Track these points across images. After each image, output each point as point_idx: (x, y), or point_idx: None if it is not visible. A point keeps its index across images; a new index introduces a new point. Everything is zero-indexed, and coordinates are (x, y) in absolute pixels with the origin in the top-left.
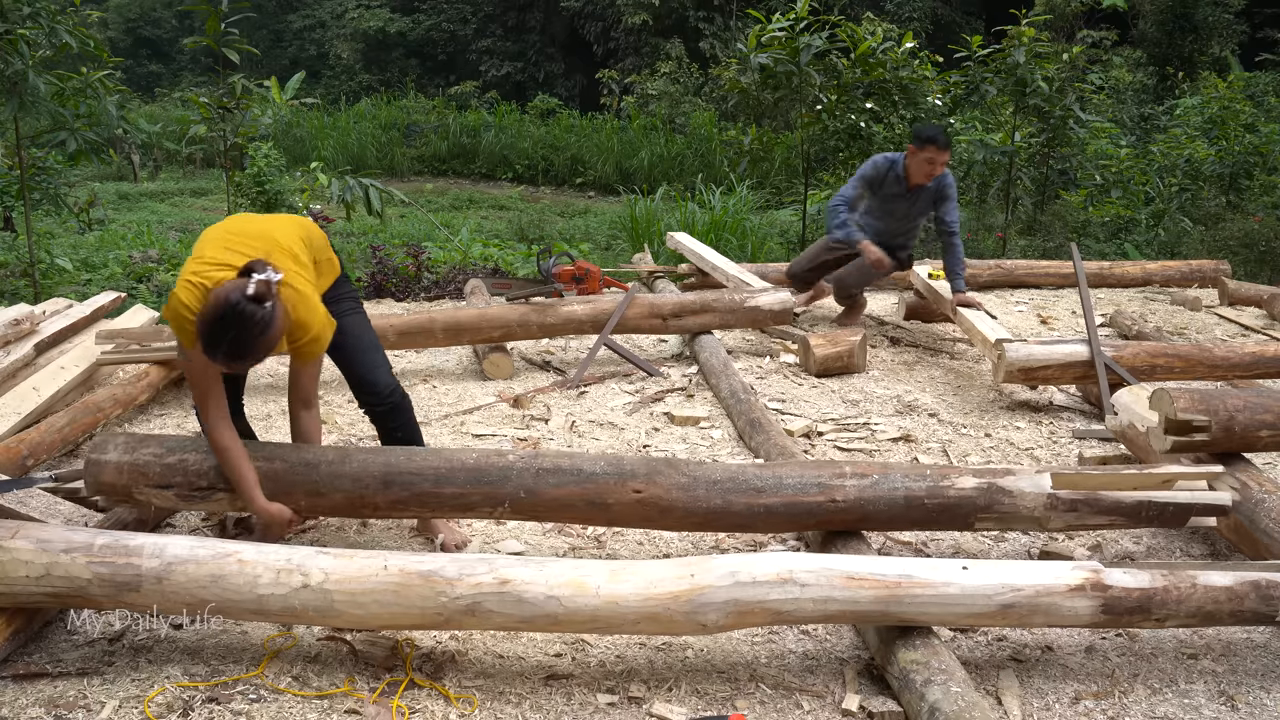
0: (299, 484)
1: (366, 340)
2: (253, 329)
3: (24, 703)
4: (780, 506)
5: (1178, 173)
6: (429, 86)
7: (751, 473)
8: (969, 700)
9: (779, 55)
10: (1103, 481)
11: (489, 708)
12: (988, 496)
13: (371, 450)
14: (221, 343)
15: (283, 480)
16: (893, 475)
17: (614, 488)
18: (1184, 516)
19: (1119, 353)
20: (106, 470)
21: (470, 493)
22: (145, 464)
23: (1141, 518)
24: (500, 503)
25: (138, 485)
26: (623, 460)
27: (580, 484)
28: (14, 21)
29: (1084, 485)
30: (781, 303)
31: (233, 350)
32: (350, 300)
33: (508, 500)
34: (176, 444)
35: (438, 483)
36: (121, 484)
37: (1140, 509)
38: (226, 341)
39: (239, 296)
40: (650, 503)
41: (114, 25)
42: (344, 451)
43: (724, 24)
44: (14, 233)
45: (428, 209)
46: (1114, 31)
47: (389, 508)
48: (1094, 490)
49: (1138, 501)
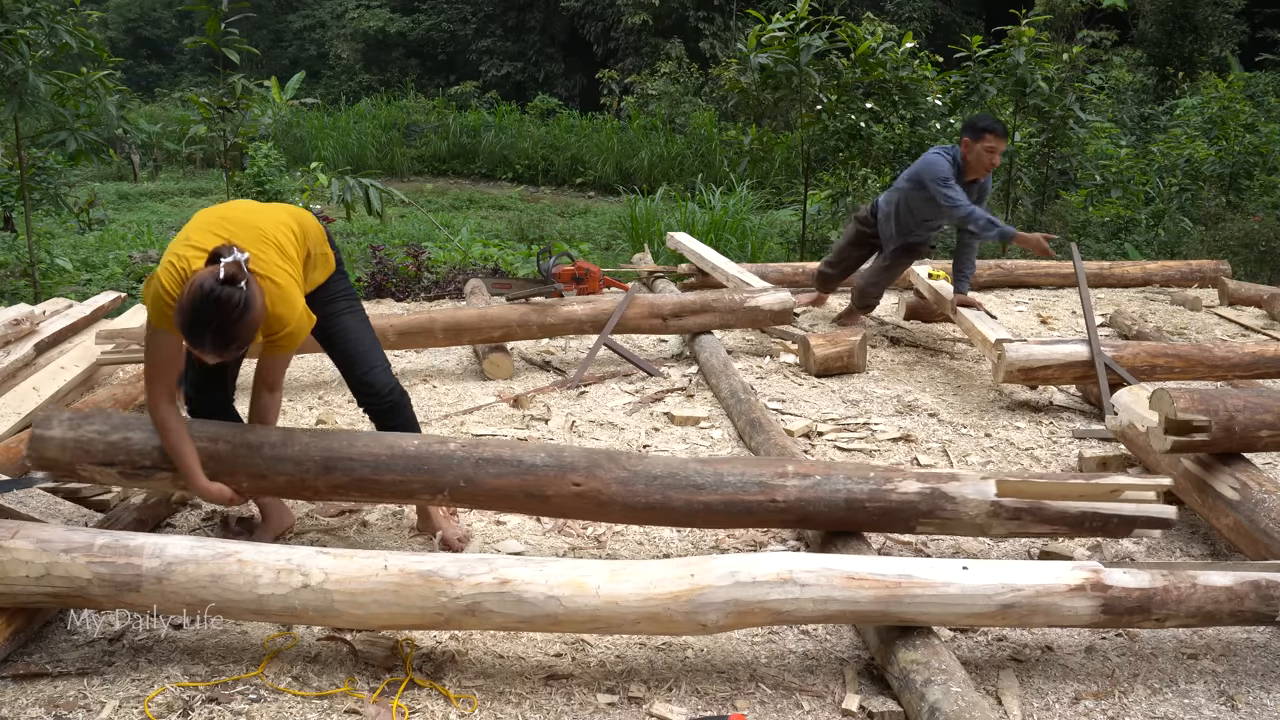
0: (241, 466)
1: (365, 340)
2: (231, 313)
3: (24, 703)
4: (720, 504)
5: (1178, 173)
6: (429, 86)
7: (693, 468)
8: (969, 700)
9: (779, 55)
10: (1048, 490)
11: (489, 708)
12: (930, 502)
13: (314, 433)
14: (205, 332)
15: (225, 461)
16: (835, 477)
17: (553, 480)
18: (1128, 529)
19: (1119, 353)
20: (50, 446)
21: (410, 480)
22: (89, 441)
23: (1085, 528)
24: (440, 490)
25: (80, 462)
26: (563, 452)
27: (520, 475)
28: (14, 21)
29: (1029, 493)
30: (781, 303)
31: (217, 338)
32: (346, 299)
33: (447, 489)
34: (121, 421)
35: (377, 469)
36: (65, 460)
37: (1084, 520)
38: (210, 331)
39: (212, 283)
40: (589, 496)
41: (114, 25)
42: (287, 434)
43: (724, 24)
44: (14, 233)
45: (428, 209)
46: (1114, 31)
47: (329, 491)
48: (1038, 499)
49: (1081, 512)
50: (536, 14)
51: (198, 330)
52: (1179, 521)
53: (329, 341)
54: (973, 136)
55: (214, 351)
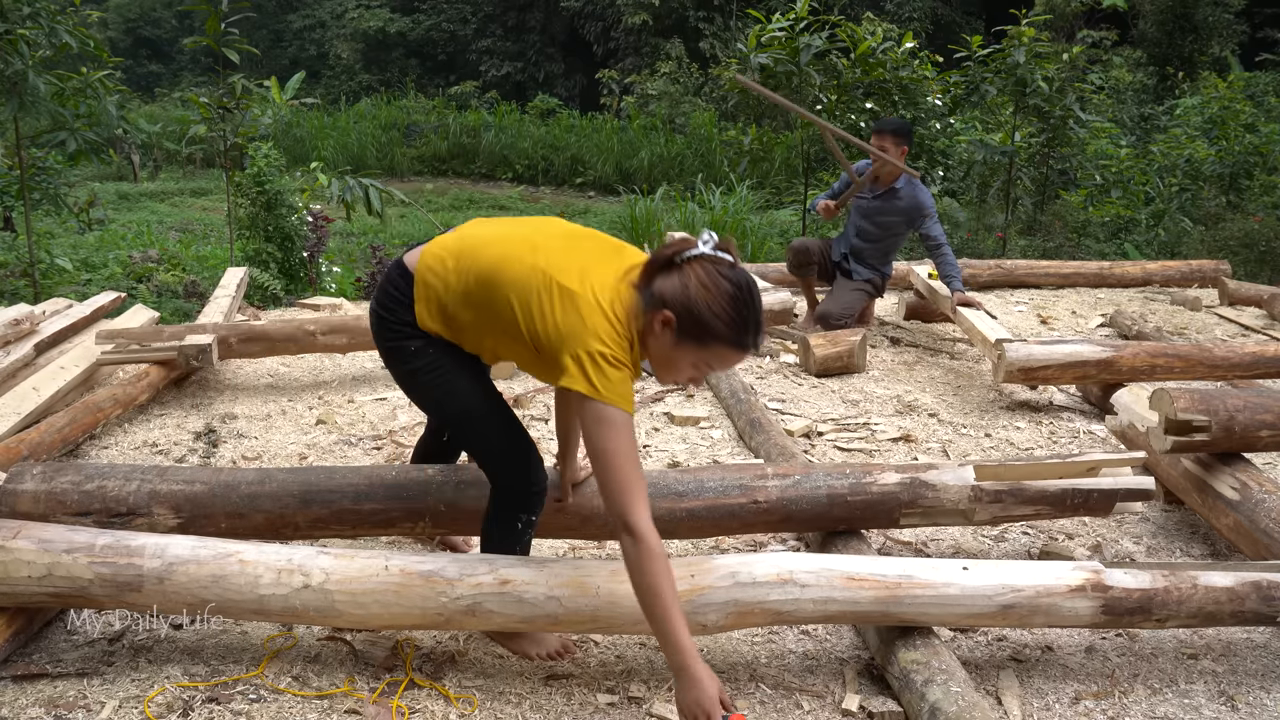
0: (219, 507)
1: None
2: (755, 285)
3: (24, 703)
4: (703, 510)
5: (1178, 173)
6: (429, 86)
7: (672, 477)
8: (969, 700)
9: (779, 55)
10: (1027, 472)
11: (489, 708)
12: (911, 491)
13: (290, 470)
14: (751, 321)
15: (203, 504)
16: (815, 474)
17: None
18: (1109, 503)
19: (1119, 352)
20: (22, 500)
21: (390, 508)
22: (63, 492)
23: (1067, 506)
24: (421, 517)
25: (55, 514)
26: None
27: None
28: (14, 21)
29: (1008, 476)
30: (781, 303)
31: (760, 322)
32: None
33: (428, 514)
34: (95, 471)
35: (357, 499)
36: (38, 513)
37: (1065, 497)
38: (755, 317)
39: (727, 270)
40: (572, 511)
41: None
42: (264, 473)
43: (724, 24)
44: (14, 233)
45: (428, 209)
46: (1114, 31)
47: (309, 526)
48: (1018, 481)
49: (1062, 490)
50: (536, 14)
51: (747, 323)
52: (1179, 521)
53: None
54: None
55: (757, 340)
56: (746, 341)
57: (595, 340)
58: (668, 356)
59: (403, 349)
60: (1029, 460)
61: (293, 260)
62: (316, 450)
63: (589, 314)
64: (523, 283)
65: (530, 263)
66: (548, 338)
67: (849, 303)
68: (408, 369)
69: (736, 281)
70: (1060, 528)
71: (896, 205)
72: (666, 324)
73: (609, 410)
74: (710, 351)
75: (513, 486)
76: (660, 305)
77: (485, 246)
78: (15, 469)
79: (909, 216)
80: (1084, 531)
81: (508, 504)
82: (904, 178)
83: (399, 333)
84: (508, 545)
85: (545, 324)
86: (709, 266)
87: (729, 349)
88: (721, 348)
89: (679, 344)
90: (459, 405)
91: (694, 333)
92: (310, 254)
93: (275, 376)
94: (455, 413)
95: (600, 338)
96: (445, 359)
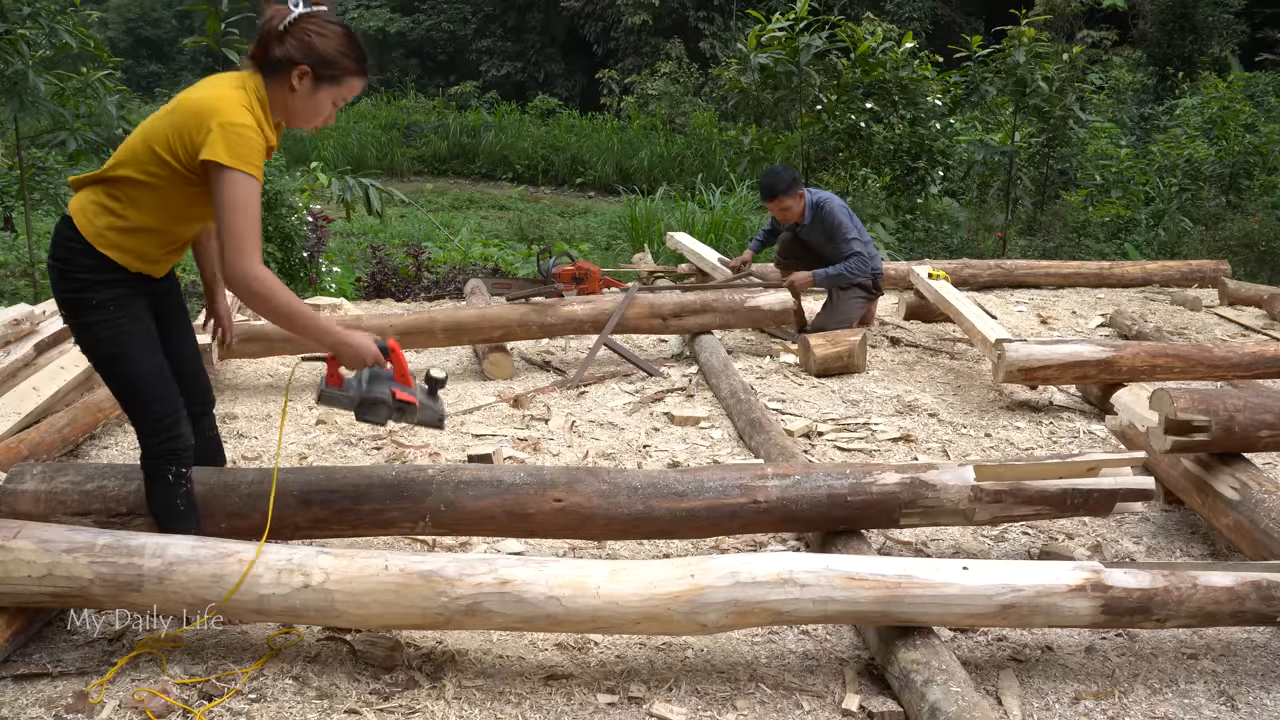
0: (218, 507)
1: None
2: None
3: (24, 703)
4: (703, 510)
5: (1178, 173)
6: (429, 86)
7: (673, 477)
8: (969, 700)
9: (779, 55)
10: (1027, 471)
11: (489, 708)
12: (911, 491)
13: (290, 470)
14: (364, 50)
15: (203, 503)
16: (815, 474)
17: (535, 498)
18: (1110, 503)
19: (1119, 352)
20: (23, 500)
21: (389, 507)
22: (63, 492)
23: (1067, 506)
24: (421, 516)
25: (55, 514)
26: (543, 470)
27: (500, 495)
28: (14, 21)
29: (1008, 476)
30: (781, 303)
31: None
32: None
33: (428, 514)
34: (95, 471)
35: (357, 499)
36: (39, 513)
37: (1065, 497)
38: (363, 46)
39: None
40: (571, 511)
41: (114, 25)
42: (263, 472)
43: (724, 24)
44: (14, 233)
45: (428, 209)
46: (1114, 31)
47: (310, 526)
48: (1018, 480)
49: (1062, 490)
50: (536, 14)
51: (366, 53)
52: (1179, 521)
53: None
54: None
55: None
56: (366, 67)
57: (226, 115)
58: (310, 103)
59: (84, 300)
60: (1029, 460)
61: (293, 260)
62: (316, 450)
63: (213, 99)
64: (150, 126)
65: (152, 117)
66: (184, 142)
67: (844, 316)
68: (85, 321)
69: (341, 24)
70: (1060, 528)
71: (813, 230)
72: (303, 76)
73: (236, 175)
74: (344, 85)
75: (156, 442)
76: (289, 66)
77: (119, 145)
78: (15, 469)
79: (826, 233)
80: (1084, 531)
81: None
82: (806, 212)
83: (79, 282)
84: (167, 504)
85: (173, 138)
86: (315, 20)
87: (357, 77)
88: (351, 79)
89: (317, 88)
90: (124, 364)
91: (329, 74)
92: (310, 254)
93: (275, 376)
94: (118, 369)
95: (229, 112)
96: (122, 316)
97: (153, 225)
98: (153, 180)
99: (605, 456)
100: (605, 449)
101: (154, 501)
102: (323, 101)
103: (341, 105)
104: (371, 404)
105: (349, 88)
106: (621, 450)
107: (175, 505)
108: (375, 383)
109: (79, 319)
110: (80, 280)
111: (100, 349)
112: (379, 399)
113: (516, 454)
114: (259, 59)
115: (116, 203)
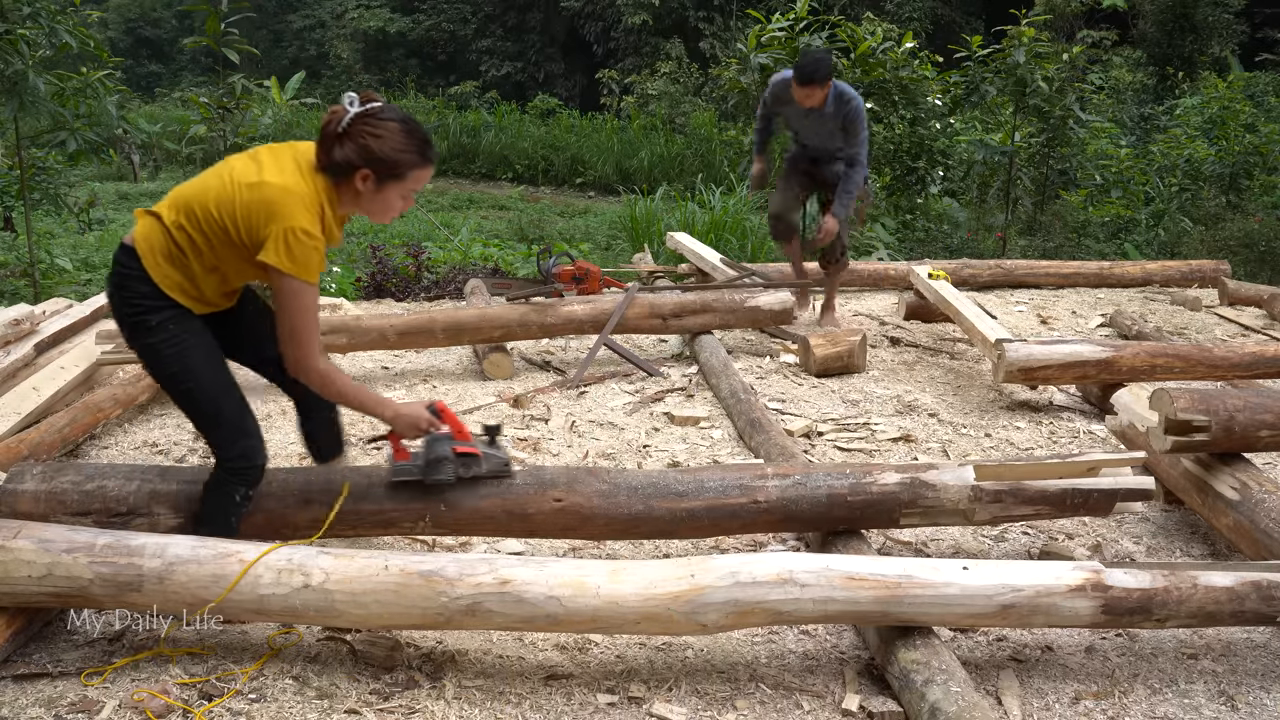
0: None
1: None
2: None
3: (24, 703)
4: (703, 510)
5: (1178, 173)
6: (429, 86)
7: (672, 476)
8: (969, 700)
9: (779, 55)
10: (1027, 471)
11: (489, 708)
12: (912, 491)
13: (290, 470)
14: (424, 138)
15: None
16: (815, 474)
17: (534, 498)
18: (1110, 503)
19: (1119, 352)
20: (23, 500)
21: (389, 509)
22: (63, 492)
23: (1067, 506)
24: (421, 516)
25: (55, 514)
26: (543, 470)
27: (500, 495)
28: (14, 21)
29: (1008, 476)
30: (781, 303)
31: (426, 133)
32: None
33: (428, 514)
34: (95, 471)
35: (357, 499)
36: (39, 513)
37: (1065, 497)
38: (423, 132)
39: (378, 112)
40: (571, 511)
41: (114, 25)
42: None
43: (724, 24)
44: (14, 233)
45: (428, 209)
46: (1114, 31)
47: (309, 526)
48: (1018, 480)
49: (1062, 490)
50: (536, 14)
51: (422, 136)
52: (1179, 521)
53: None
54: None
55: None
56: (430, 155)
57: (292, 219)
58: (378, 202)
59: (144, 322)
60: (1029, 460)
61: None
62: None
63: (279, 199)
64: (222, 192)
65: (223, 178)
66: (249, 229)
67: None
68: (148, 343)
69: (396, 117)
70: (1060, 528)
71: (829, 119)
72: (366, 179)
73: (296, 283)
74: (409, 179)
75: (231, 459)
76: (351, 169)
77: (186, 187)
78: (15, 469)
79: (843, 124)
80: (1084, 531)
81: (227, 477)
82: (830, 100)
83: (138, 307)
84: (222, 515)
85: (239, 219)
86: (371, 121)
87: (421, 169)
88: (415, 171)
89: (382, 188)
90: (191, 379)
91: (392, 173)
92: None
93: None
94: (184, 386)
95: (296, 215)
96: (184, 333)
97: (214, 270)
98: (216, 243)
99: (605, 456)
100: (605, 449)
101: (208, 509)
102: (391, 199)
103: (413, 196)
104: (436, 463)
105: (415, 180)
106: (621, 450)
107: (229, 522)
108: (435, 444)
109: (141, 341)
110: (138, 305)
111: (165, 367)
112: (442, 457)
113: (516, 454)
114: (323, 162)
115: (179, 250)
